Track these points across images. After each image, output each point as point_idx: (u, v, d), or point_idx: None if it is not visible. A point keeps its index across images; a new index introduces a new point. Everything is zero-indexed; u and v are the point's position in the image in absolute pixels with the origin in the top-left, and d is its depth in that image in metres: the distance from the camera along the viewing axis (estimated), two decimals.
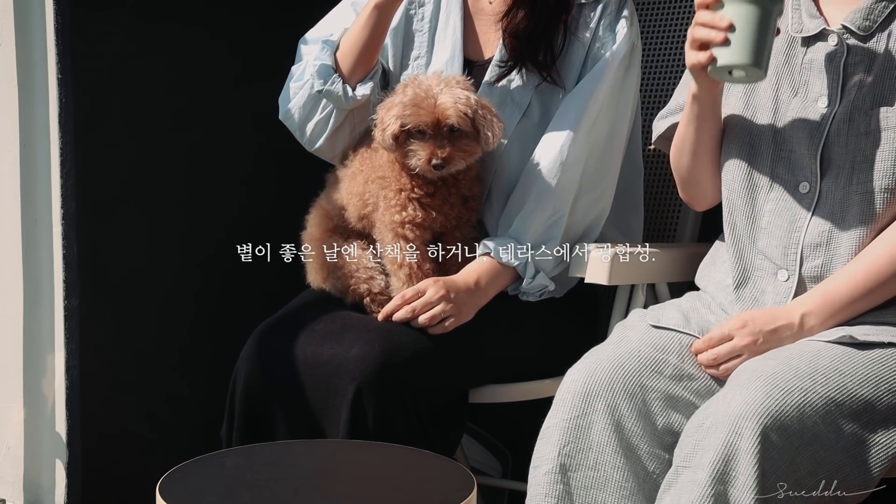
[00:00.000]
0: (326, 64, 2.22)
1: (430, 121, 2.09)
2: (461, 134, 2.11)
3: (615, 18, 2.23)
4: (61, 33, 2.44)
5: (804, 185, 1.95)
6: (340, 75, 2.22)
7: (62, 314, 2.52)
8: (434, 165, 2.10)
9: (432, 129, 2.10)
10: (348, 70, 2.21)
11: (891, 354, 1.81)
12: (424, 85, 2.12)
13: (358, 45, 2.19)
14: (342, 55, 2.21)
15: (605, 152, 2.22)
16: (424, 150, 2.10)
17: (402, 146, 2.12)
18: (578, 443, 1.81)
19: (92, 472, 2.57)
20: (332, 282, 2.24)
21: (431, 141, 2.10)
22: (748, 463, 1.65)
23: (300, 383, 2.08)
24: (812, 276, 1.93)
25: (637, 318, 2.03)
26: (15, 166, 2.52)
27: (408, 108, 2.09)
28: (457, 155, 2.11)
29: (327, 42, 2.24)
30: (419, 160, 2.10)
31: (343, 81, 2.21)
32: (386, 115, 2.12)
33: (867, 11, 1.93)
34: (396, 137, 2.11)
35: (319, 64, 2.22)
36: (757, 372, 1.76)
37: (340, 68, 2.22)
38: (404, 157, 2.12)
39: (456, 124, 2.09)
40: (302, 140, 2.30)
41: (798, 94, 1.97)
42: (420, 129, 2.10)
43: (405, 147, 2.12)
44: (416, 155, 2.10)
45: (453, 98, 2.09)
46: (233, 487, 1.74)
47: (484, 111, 2.13)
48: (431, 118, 2.09)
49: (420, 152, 2.10)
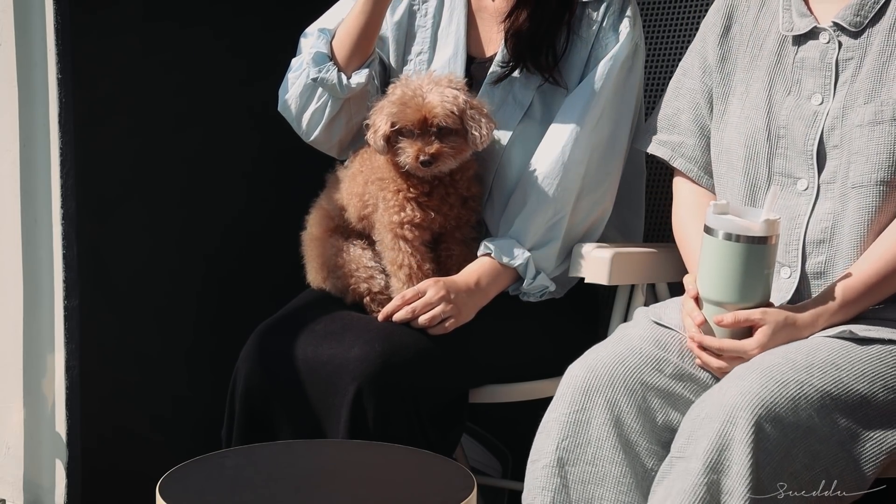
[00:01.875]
0: (321, 52, 2.21)
1: (417, 119, 2.09)
2: (449, 132, 2.11)
3: (618, 19, 2.23)
4: (61, 33, 2.44)
5: (802, 182, 1.95)
6: (336, 63, 2.21)
7: (62, 314, 2.52)
8: (422, 162, 2.10)
9: (419, 128, 2.10)
10: (344, 58, 2.20)
11: (889, 351, 1.82)
12: (413, 84, 2.13)
13: (354, 32, 2.18)
14: (338, 43, 2.21)
15: (608, 153, 2.22)
16: (412, 148, 2.10)
17: (392, 146, 2.12)
18: (577, 437, 1.81)
19: (92, 472, 2.57)
20: (331, 281, 2.24)
21: (419, 139, 2.10)
22: (742, 452, 1.65)
23: (300, 383, 2.08)
24: (815, 273, 1.93)
25: (640, 316, 2.03)
26: (15, 166, 2.52)
27: (395, 107, 2.09)
28: (445, 152, 2.11)
29: (323, 31, 2.24)
30: (407, 157, 2.11)
31: (338, 70, 2.20)
32: (377, 118, 2.13)
33: (857, 7, 1.94)
34: (387, 138, 2.11)
35: (315, 52, 2.21)
36: (754, 365, 1.77)
37: (336, 57, 2.21)
38: (395, 156, 2.13)
39: (443, 122, 2.09)
40: (299, 131, 2.29)
41: (791, 93, 1.98)
42: (409, 129, 2.10)
43: (395, 146, 2.12)
44: (404, 152, 2.11)
45: (441, 97, 2.10)
46: (233, 487, 1.74)
47: (473, 111, 2.13)
48: (418, 116, 2.09)
49: (408, 150, 2.10)
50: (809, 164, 1.94)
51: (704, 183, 2.11)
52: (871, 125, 1.90)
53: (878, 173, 1.89)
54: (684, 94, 2.13)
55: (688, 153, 2.12)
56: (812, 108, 1.95)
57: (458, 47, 2.28)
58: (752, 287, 1.82)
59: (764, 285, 1.83)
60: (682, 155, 2.12)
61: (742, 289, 1.82)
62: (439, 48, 2.30)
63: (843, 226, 1.92)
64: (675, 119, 2.14)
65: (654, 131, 2.16)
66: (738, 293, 1.82)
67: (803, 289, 1.94)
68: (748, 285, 1.82)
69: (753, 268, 1.81)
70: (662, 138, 2.15)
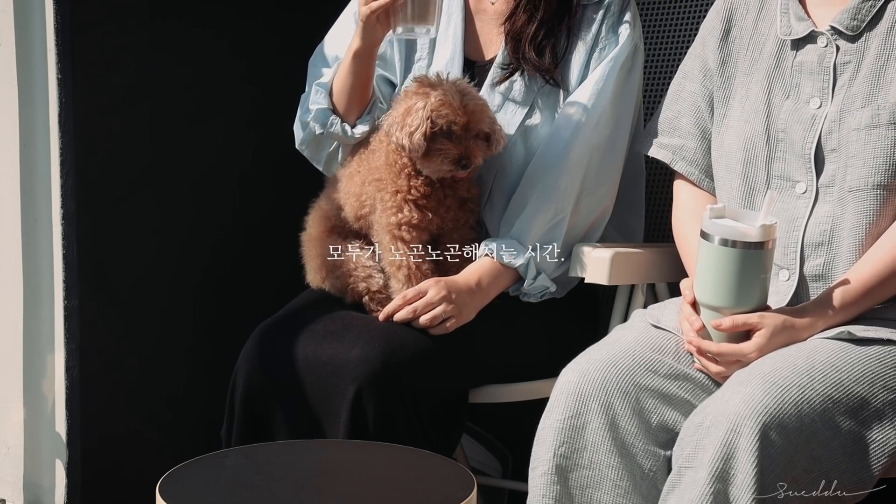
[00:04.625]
0: (322, 108, 2.25)
1: (463, 122, 2.10)
2: (480, 136, 2.13)
3: (618, 20, 2.23)
4: (61, 33, 2.44)
5: (801, 185, 1.95)
6: (338, 114, 2.25)
7: (62, 314, 2.52)
8: (463, 165, 2.11)
9: (462, 130, 2.10)
10: (344, 110, 2.25)
11: (887, 352, 1.82)
12: (447, 86, 2.12)
13: (346, 88, 2.22)
14: (336, 98, 2.25)
15: (608, 154, 2.22)
16: (455, 150, 2.10)
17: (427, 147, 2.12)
18: (573, 443, 1.81)
19: (92, 473, 2.57)
20: (330, 281, 2.24)
21: (459, 142, 2.11)
22: (747, 461, 1.65)
23: (300, 383, 2.08)
24: (813, 275, 1.93)
25: (637, 318, 2.03)
26: (15, 166, 2.52)
27: (443, 108, 2.09)
28: (479, 155, 2.13)
29: (321, 84, 2.26)
30: (446, 159, 2.11)
31: (341, 121, 2.25)
32: (411, 118, 2.11)
33: (854, 11, 1.93)
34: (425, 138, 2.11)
35: (316, 109, 2.26)
36: (755, 370, 1.77)
37: (337, 109, 2.25)
38: (426, 156, 2.12)
39: (486, 127, 2.12)
40: (319, 167, 2.36)
41: (790, 97, 1.98)
42: (449, 130, 2.10)
43: (429, 147, 2.12)
44: (443, 154, 2.11)
45: (481, 101, 2.13)
46: (233, 487, 1.74)
47: (493, 117, 2.16)
48: (464, 119, 2.10)
49: (451, 151, 2.10)
50: (808, 168, 1.94)
51: (705, 186, 2.11)
52: (869, 129, 1.90)
53: (876, 177, 1.89)
54: (685, 98, 2.13)
55: (689, 156, 2.12)
56: (810, 112, 1.95)
57: (455, 51, 2.28)
58: (748, 292, 1.82)
59: (760, 290, 1.83)
60: (682, 158, 2.12)
61: (738, 293, 1.82)
62: (437, 52, 2.30)
63: (843, 229, 1.92)
64: (675, 122, 2.14)
65: (655, 134, 2.16)
66: (734, 298, 1.82)
67: (802, 292, 1.94)
68: (745, 290, 1.82)
69: (750, 273, 1.81)
70: (663, 141, 2.15)
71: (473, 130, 2.12)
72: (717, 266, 1.81)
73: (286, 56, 2.64)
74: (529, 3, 2.21)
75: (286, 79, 2.51)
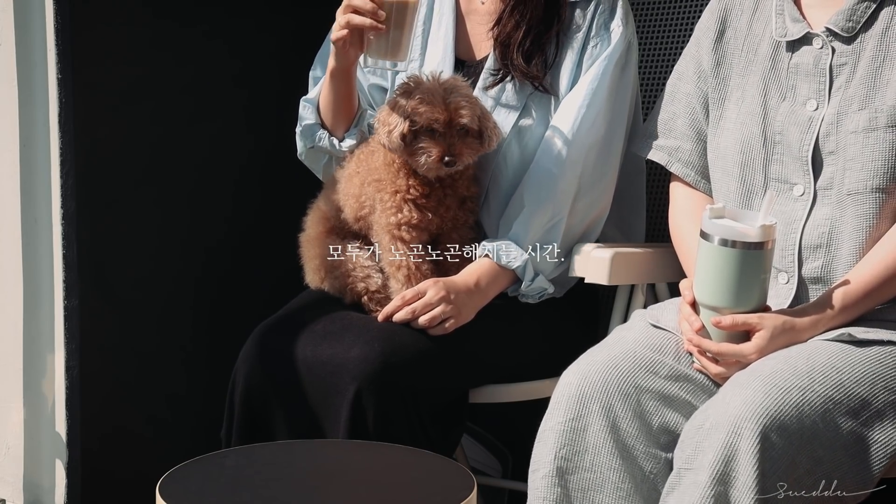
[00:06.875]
0: (310, 123, 2.28)
1: (443, 119, 2.09)
2: (466, 133, 2.12)
3: (609, 17, 2.22)
4: (61, 33, 2.44)
5: (798, 187, 1.95)
6: (326, 128, 2.27)
7: (62, 314, 2.52)
8: (446, 162, 2.10)
9: (444, 128, 2.10)
10: (331, 125, 2.27)
11: (888, 352, 1.82)
12: (431, 84, 2.12)
13: (330, 104, 2.25)
14: (323, 113, 2.27)
15: (604, 152, 2.22)
16: (437, 148, 2.10)
17: (409, 146, 2.12)
18: (574, 445, 1.81)
19: (92, 473, 2.57)
20: (329, 281, 2.24)
21: (442, 139, 2.10)
22: (748, 463, 1.65)
23: (300, 383, 2.08)
24: (812, 278, 1.93)
25: (637, 319, 2.03)
26: (15, 166, 2.52)
27: (421, 106, 2.09)
28: (466, 152, 2.12)
29: (308, 100, 2.29)
30: (430, 157, 2.10)
31: (329, 135, 2.27)
32: (391, 117, 2.12)
33: (850, 13, 1.93)
34: (404, 137, 2.11)
35: (304, 124, 2.28)
36: (755, 371, 1.76)
37: (325, 124, 2.27)
38: (411, 155, 2.12)
39: (469, 123, 2.10)
40: (319, 176, 2.38)
41: (786, 99, 1.97)
42: (430, 128, 2.10)
43: (413, 146, 2.12)
44: (426, 152, 2.10)
45: (466, 98, 2.11)
46: (233, 487, 1.74)
47: (485, 114, 2.15)
48: (445, 116, 2.09)
49: (432, 149, 2.10)
50: (805, 170, 1.94)
51: (702, 187, 2.11)
52: (866, 132, 1.89)
53: (874, 180, 1.89)
54: (680, 99, 2.12)
55: (685, 158, 2.11)
56: (807, 114, 1.94)
57: (446, 50, 2.28)
58: (748, 292, 1.82)
59: (760, 290, 1.83)
60: (678, 160, 2.12)
61: (738, 294, 1.82)
62: (428, 51, 2.30)
63: (842, 232, 1.91)
64: (671, 123, 2.13)
65: (651, 136, 2.16)
66: (734, 298, 1.82)
67: (802, 294, 1.94)
68: (744, 290, 1.82)
69: (749, 273, 1.81)
70: (659, 143, 2.14)
71: (457, 127, 2.11)
72: (717, 266, 1.81)
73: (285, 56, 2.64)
74: (516, 9, 2.20)
75: (286, 79, 2.52)
